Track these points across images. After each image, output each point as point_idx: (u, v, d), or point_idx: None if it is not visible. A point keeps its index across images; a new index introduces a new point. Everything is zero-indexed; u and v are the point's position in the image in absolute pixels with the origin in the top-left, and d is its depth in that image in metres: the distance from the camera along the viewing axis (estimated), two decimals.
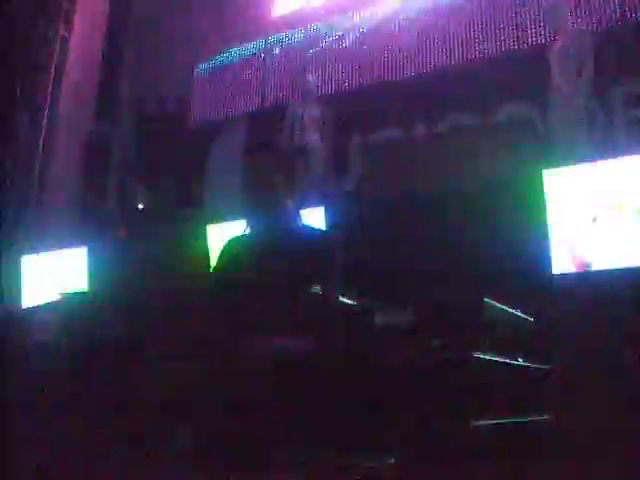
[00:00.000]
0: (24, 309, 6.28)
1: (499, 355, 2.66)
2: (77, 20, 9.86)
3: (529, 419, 2.98)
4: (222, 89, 9.34)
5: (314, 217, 5.90)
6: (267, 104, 8.78)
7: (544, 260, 5.23)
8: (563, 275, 5.25)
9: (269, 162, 3.42)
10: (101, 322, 2.84)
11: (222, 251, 3.56)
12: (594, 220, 5.21)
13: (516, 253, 5.13)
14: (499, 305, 2.76)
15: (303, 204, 3.97)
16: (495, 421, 2.61)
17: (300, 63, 8.58)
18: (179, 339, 2.87)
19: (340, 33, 8.40)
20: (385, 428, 2.53)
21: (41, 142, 9.43)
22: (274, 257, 3.27)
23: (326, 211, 6.19)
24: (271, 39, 8.93)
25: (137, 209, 8.97)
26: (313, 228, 3.69)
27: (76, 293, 5.82)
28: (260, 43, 9.02)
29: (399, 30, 7.98)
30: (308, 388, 2.63)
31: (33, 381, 2.92)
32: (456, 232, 5.41)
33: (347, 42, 8.32)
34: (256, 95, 8.89)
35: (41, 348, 2.99)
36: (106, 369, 2.74)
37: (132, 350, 2.72)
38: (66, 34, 9.83)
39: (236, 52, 9.28)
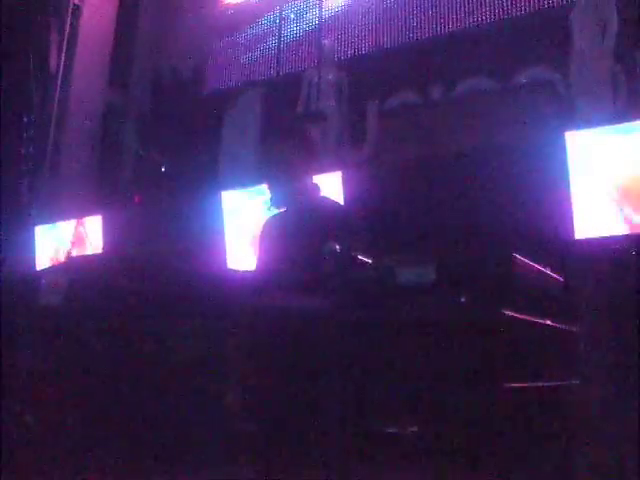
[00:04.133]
0: (32, 272, 6.27)
1: (528, 314, 2.56)
2: None
3: (558, 383, 2.90)
4: (237, 54, 9.20)
5: (332, 182, 5.84)
6: (283, 70, 8.66)
7: (566, 224, 5.14)
8: (585, 240, 5.16)
9: (289, 145, 3.50)
10: (106, 283, 2.80)
11: (260, 234, 3.70)
12: (616, 183, 5.11)
13: (537, 217, 5.05)
14: (529, 261, 2.66)
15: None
16: (523, 384, 2.51)
17: (316, 27, 8.43)
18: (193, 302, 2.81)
19: None
20: (408, 391, 2.44)
21: (55, 112, 9.38)
22: (299, 231, 3.32)
23: (343, 176, 6.11)
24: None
25: (161, 171, 8.93)
26: (332, 200, 3.75)
27: (82, 256, 5.79)
28: (275, 6, 8.86)
29: None
30: (327, 346, 2.58)
31: (40, 343, 2.89)
32: (479, 195, 5.33)
33: (364, 3, 8.16)
34: (272, 61, 8.76)
35: (47, 309, 2.95)
36: (112, 329, 2.69)
37: (138, 308, 2.68)
38: (79, 3, 9.75)
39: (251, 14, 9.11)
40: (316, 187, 3.61)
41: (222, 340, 2.59)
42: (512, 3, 7.21)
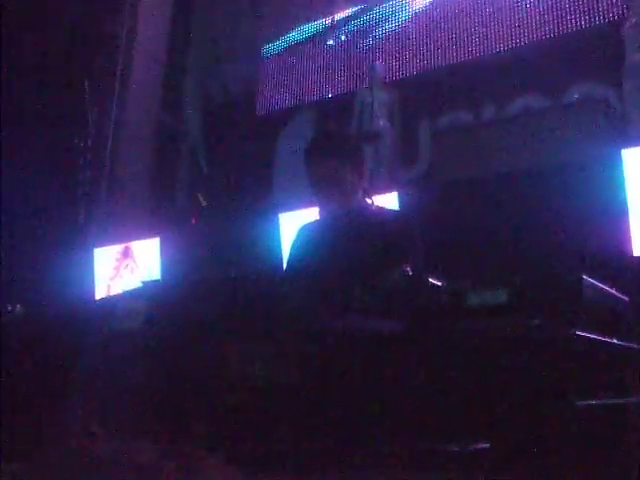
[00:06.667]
0: (103, 298, 6.36)
1: (597, 334, 2.60)
2: (141, 9, 9.86)
3: (626, 400, 2.92)
4: (289, 75, 9.29)
5: (386, 203, 5.87)
6: (335, 90, 8.73)
7: (625, 242, 5.12)
8: None
9: (331, 153, 3.43)
10: (182, 309, 2.86)
11: (294, 239, 3.62)
12: None
13: (595, 235, 5.03)
14: (597, 283, 2.70)
15: (373, 187, 4.00)
16: (595, 402, 2.54)
17: (367, 47, 8.50)
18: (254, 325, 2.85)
19: (408, 14, 8.29)
20: (479, 411, 2.48)
21: (111, 134, 9.52)
22: (348, 241, 3.29)
23: (399, 196, 6.14)
24: (338, 20, 8.83)
25: (202, 207, 8.99)
26: (387, 209, 3.68)
27: (156, 281, 5.86)
28: (326, 25, 8.92)
29: (469, 10, 7.83)
30: (399, 370, 2.60)
31: (115, 369, 2.94)
32: (532, 214, 5.32)
33: (415, 24, 8.21)
34: (323, 81, 8.83)
35: (124, 336, 3.01)
36: (189, 355, 2.74)
37: (214, 336, 2.73)
38: (132, 26, 9.88)
39: (303, 35, 9.20)
40: (366, 196, 3.52)
41: (302, 363, 2.64)
42: (563, 20, 7.22)
